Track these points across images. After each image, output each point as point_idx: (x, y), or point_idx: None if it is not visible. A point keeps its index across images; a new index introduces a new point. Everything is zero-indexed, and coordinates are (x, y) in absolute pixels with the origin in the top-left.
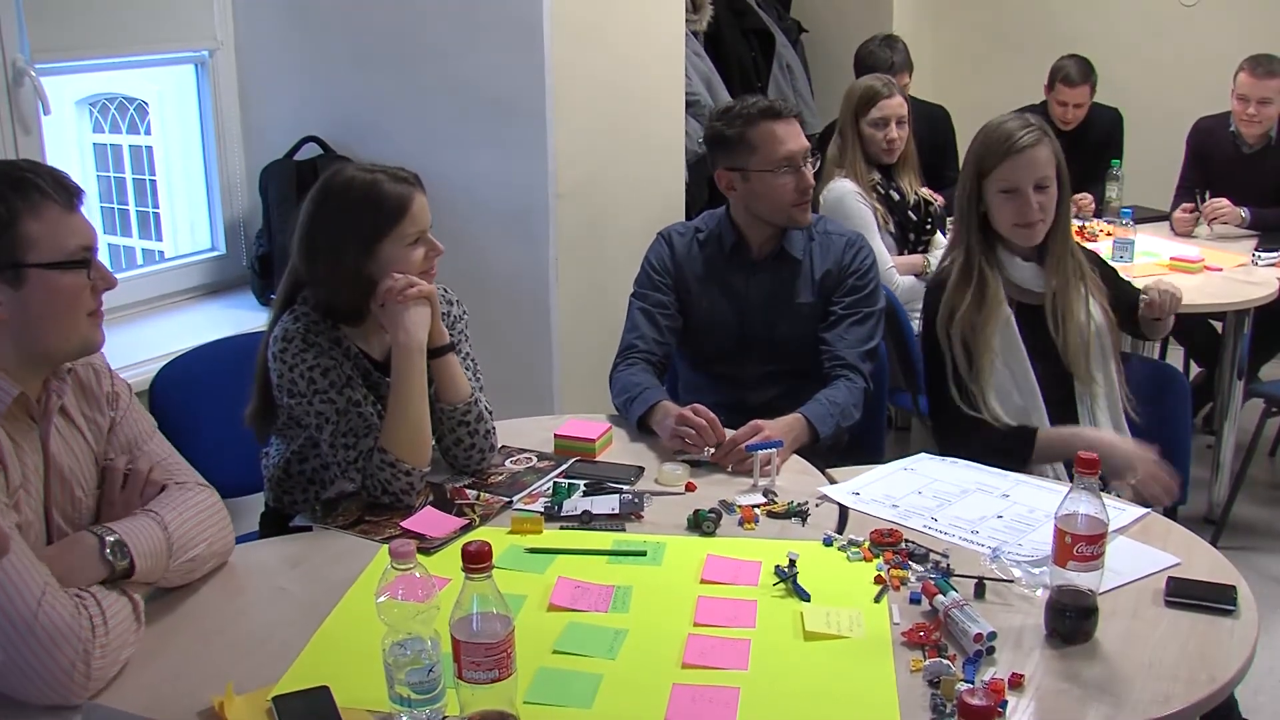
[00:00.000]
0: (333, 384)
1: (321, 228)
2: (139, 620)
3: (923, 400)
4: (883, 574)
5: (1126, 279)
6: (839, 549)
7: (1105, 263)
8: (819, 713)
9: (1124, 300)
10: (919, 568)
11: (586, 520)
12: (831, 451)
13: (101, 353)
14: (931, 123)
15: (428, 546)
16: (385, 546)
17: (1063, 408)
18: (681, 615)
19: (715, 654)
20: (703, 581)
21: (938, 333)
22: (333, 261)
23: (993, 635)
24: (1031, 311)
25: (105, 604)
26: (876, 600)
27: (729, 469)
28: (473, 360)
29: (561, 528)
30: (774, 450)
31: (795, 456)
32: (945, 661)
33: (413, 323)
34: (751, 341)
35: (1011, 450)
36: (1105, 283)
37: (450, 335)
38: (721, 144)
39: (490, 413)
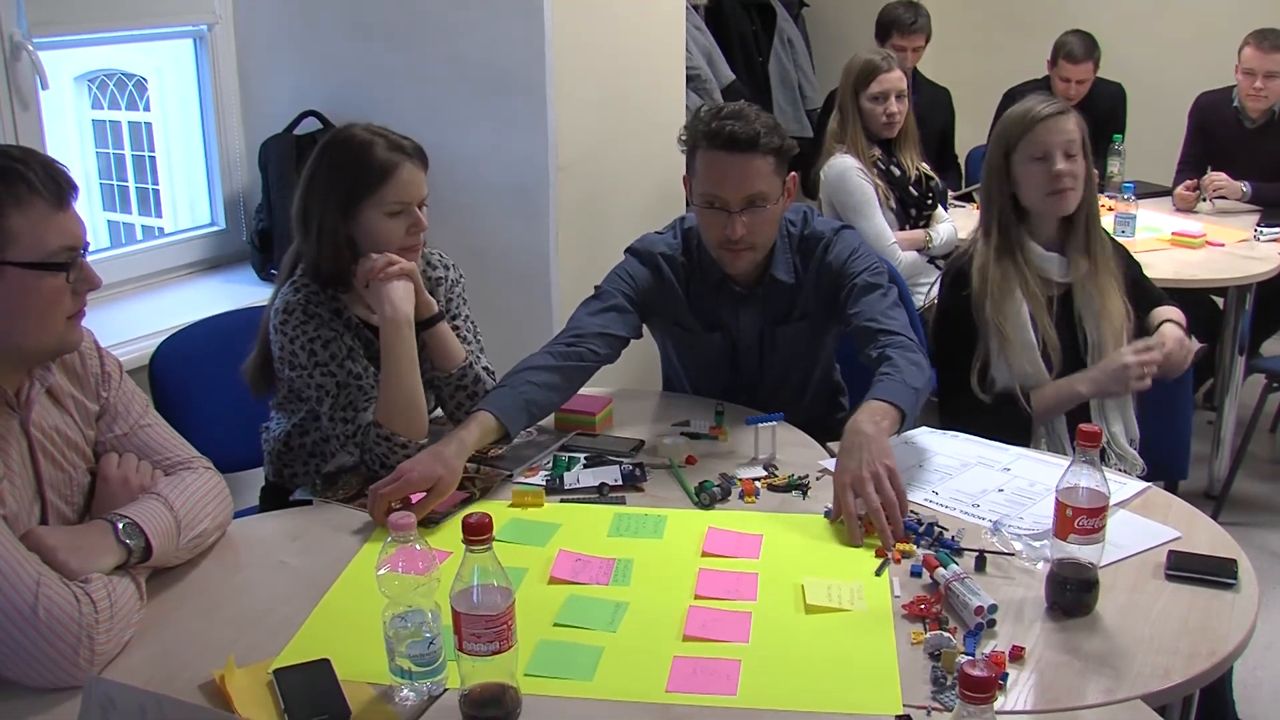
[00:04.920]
0: (333, 356)
1: (314, 183)
2: (141, 599)
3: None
4: (883, 546)
5: (1152, 285)
6: (841, 522)
7: (1132, 258)
8: (820, 685)
9: (1144, 300)
10: (924, 538)
11: (605, 493)
12: (833, 427)
13: (90, 331)
14: (936, 104)
15: (428, 519)
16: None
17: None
18: (683, 588)
19: (716, 626)
20: (704, 554)
21: (975, 312)
22: (318, 219)
23: (993, 608)
24: (1053, 302)
25: (108, 586)
26: (878, 573)
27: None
28: (473, 323)
29: (569, 500)
30: (774, 423)
31: (796, 430)
32: (946, 634)
33: (398, 296)
34: (747, 384)
35: (1011, 417)
36: (1128, 279)
37: (446, 301)
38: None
39: (492, 373)
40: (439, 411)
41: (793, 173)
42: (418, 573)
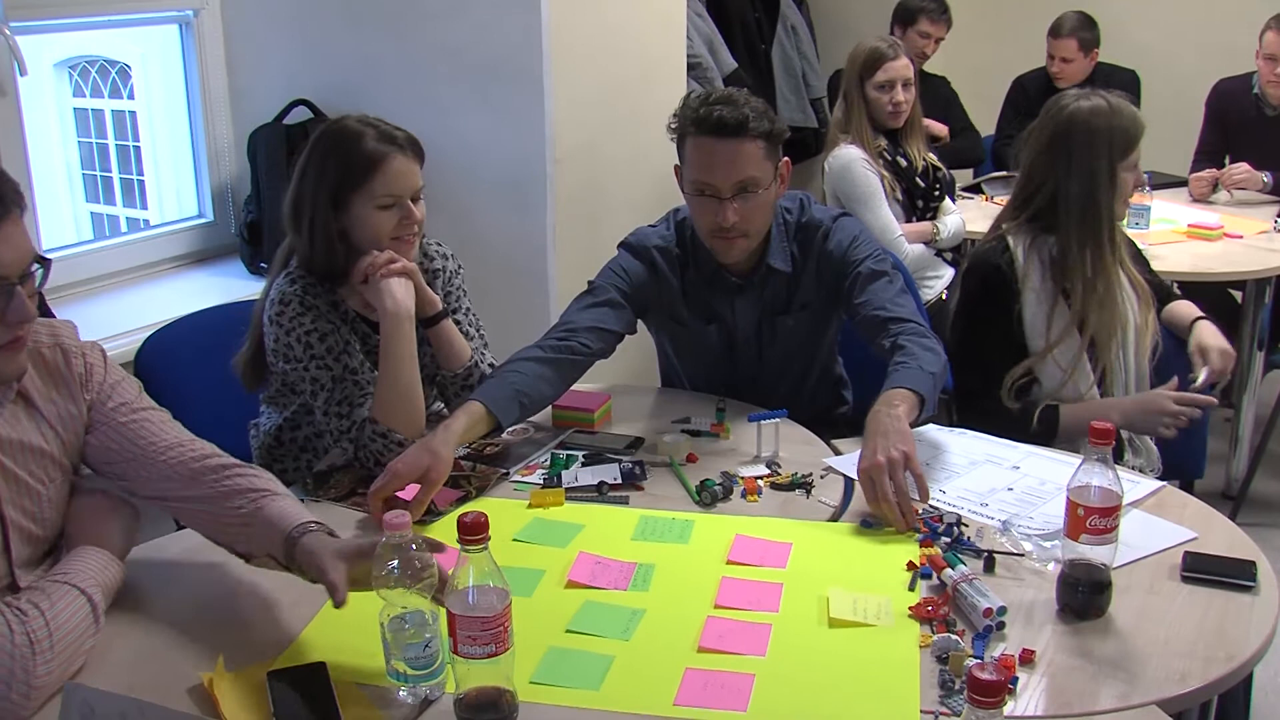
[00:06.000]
0: (329, 350)
1: (305, 175)
2: (96, 620)
3: None
4: (915, 559)
5: (1159, 278)
6: (874, 530)
7: (1136, 247)
8: (835, 705)
9: (1153, 289)
10: (943, 538)
11: (604, 491)
12: (836, 422)
13: (73, 325)
14: (934, 94)
15: (424, 519)
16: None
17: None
18: (703, 596)
19: (733, 638)
20: (729, 562)
21: (1019, 319)
22: (309, 212)
23: (1002, 610)
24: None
25: (47, 612)
26: (911, 587)
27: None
28: (474, 316)
29: (569, 499)
30: (777, 420)
31: (799, 427)
32: (954, 637)
33: (399, 291)
34: (745, 378)
35: (1038, 431)
36: (1136, 266)
37: (445, 294)
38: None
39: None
40: (438, 405)
41: (785, 158)
42: (415, 572)
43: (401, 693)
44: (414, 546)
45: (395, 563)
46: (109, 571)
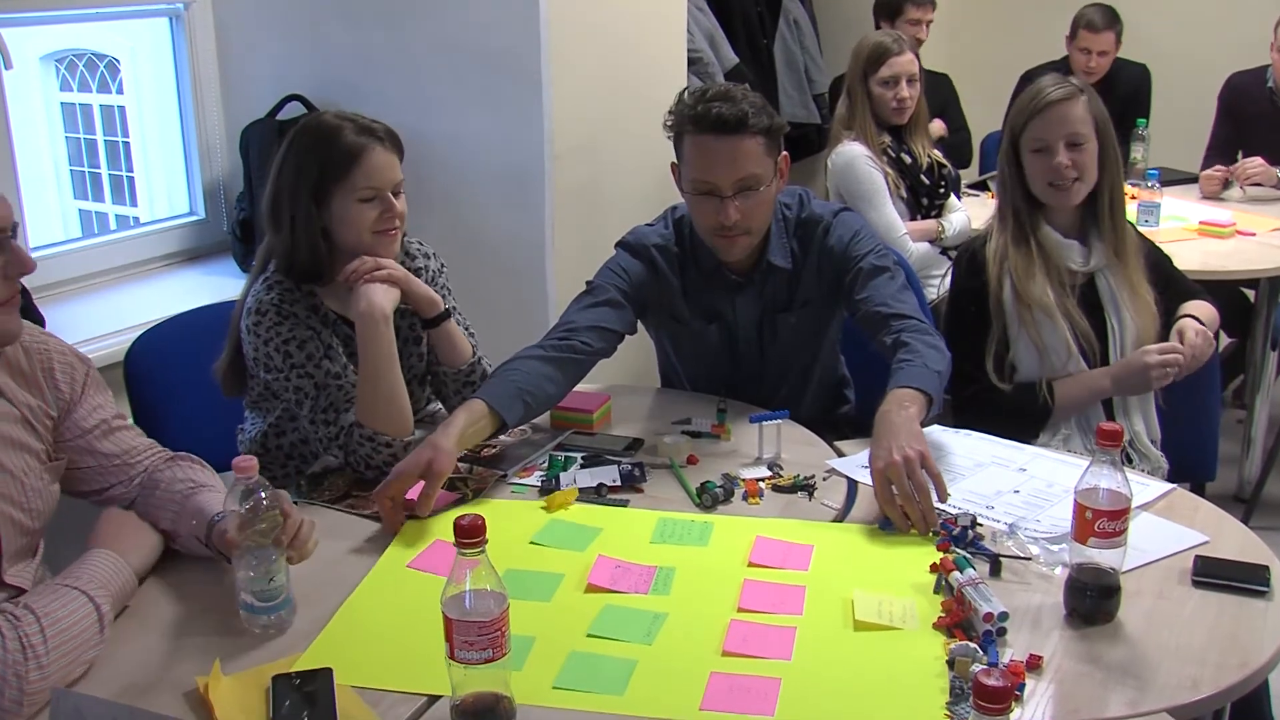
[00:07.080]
0: (310, 357)
1: (284, 173)
2: (102, 629)
3: None
4: (938, 561)
5: (1183, 277)
6: (896, 533)
7: (1159, 249)
8: (862, 708)
9: (1175, 293)
10: (958, 542)
11: (603, 493)
12: (838, 422)
13: (25, 325)
14: (936, 90)
15: (414, 516)
16: (408, 523)
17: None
18: (725, 599)
19: (758, 641)
20: (750, 565)
21: (992, 297)
22: (290, 210)
23: (1004, 616)
24: (1075, 289)
25: (44, 617)
26: (936, 590)
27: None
28: (461, 315)
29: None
30: (779, 421)
31: (801, 428)
32: (973, 645)
33: (376, 294)
34: (747, 377)
35: (1030, 407)
36: (1157, 272)
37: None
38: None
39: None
40: (435, 405)
41: (784, 152)
42: (261, 511)
43: (248, 620)
44: (261, 489)
45: (247, 505)
46: (120, 578)
